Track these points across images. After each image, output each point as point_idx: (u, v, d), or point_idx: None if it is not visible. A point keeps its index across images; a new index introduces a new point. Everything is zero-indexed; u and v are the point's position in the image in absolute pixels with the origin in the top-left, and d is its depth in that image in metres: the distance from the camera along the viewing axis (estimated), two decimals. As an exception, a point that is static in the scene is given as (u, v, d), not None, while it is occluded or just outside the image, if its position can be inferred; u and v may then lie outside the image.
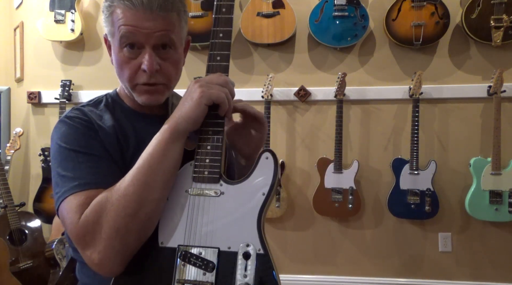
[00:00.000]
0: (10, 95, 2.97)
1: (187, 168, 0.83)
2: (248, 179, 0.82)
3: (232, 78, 0.89)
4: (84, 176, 0.81)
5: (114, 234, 0.75)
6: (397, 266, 2.59)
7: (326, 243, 2.64)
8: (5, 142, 2.76)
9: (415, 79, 2.40)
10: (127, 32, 0.85)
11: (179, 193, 0.82)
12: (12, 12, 3.00)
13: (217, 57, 0.88)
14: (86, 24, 2.79)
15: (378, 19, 2.55)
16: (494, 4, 2.34)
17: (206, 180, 0.81)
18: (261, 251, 0.78)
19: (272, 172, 0.81)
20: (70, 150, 0.84)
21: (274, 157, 0.82)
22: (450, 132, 2.54)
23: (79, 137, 0.86)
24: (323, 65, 2.63)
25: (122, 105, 0.99)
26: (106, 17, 0.90)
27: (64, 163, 0.84)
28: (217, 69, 0.88)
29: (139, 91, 0.91)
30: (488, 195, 2.33)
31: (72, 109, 0.94)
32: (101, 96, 1.01)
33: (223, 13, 0.88)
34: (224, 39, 0.88)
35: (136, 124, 0.96)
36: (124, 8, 0.85)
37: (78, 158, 0.83)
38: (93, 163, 0.83)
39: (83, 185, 0.80)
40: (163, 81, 0.91)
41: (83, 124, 0.88)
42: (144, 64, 0.86)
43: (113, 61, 0.93)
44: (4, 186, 2.39)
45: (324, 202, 2.48)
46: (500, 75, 2.33)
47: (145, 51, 0.87)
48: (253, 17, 2.53)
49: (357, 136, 2.61)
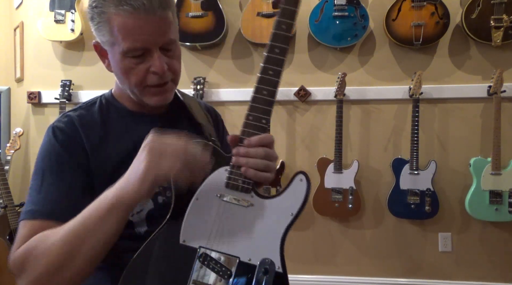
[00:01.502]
0: (10, 95, 2.97)
1: (221, 173, 0.82)
2: (279, 197, 0.82)
3: (232, 78, 0.88)
4: (40, 201, 0.82)
5: (34, 281, 0.75)
6: (397, 266, 2.58)
7: (326, 243, 2.64)
8: (5, 142, 2.76)
9: (415, 79, 2.40)
10: (135, 43, 0.82)
11: (210, 196, 0.82)
12: (12, 12, 3.00)
13: (270, 72, 0.83)
14: (86, 24, 2.79)
15: (378, 19, 2.55)
16: (494, 4, 2.34)
17: (239, 189, 0.81)
18: (280, 270, 0.78)
19: (304, 194, 0.83)
20: (39, 168, 0.87)
21: (308, 181, 0.83)
22: (450, 132, 2.54)
23: (52, 155, 0.87)
24: (323, 65, 2.63)
25: (117, 106, 0.98)
26: (99, 25, 0.86)
27: (32, 178, 0.87)
28: None
29: (150, 93, 0.90)
30: (488, 195, 2.33)
31: (62, 115, 0.94)
32: (95, 98, 1.00)
33: (276, 53, 0.83)
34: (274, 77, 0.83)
35: (132, 124, 0.95)
36: (124, 15, 0.80)
37: (43, 178, 0.85)
38: (54, 188, 0.83)
39: (33, 213, 0.81)
40: (171, 77, 0.91)
41: (63, 140, 0.88)
42: (155, 67, 0.85)
43: (112, 67, 0.91)
44: (4, 186, 2.39)
45: (324, 202, 2.48)
46: (500, 75, 2.33)
47: (152, 54, 0.85)
48: (253, 17, 2.52)
49: (357, 136, 2.61)
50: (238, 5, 2.67)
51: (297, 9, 0.83)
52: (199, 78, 2.57)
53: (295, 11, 0.83)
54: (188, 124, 1.03)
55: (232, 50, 2.70)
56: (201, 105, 1.14)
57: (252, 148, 0.81)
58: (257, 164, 0.80)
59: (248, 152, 0.80)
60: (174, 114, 1.02)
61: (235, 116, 2.66)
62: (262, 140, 0.81)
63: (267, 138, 0.82)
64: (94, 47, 0.94)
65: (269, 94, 0.81)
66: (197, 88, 2.55)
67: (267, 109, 0.81)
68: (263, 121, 0.81)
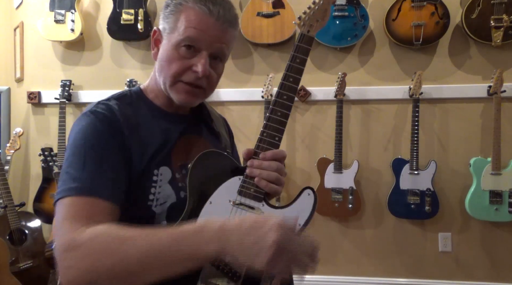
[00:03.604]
0: (10, 95, 2.97)
1: (235, 181, 0.89)
2: (288, 208, 0.88)
3: (232, 78, 0.91)
4: (83, 179, 0.81)
5: (90, 275, 0.71)
6: (397, 266, 2.58)
7: (326, 243, 2.63)
8: (5, 142, 2.76)
9: (415, 79, 2.40)
10: (194, 35, 0.89)
11: (223, 201, 0.87)
12: (12, 12, 3.00)
13: (284, 96, 0.93)
14: (86, 24, 2.79)
15: (378, 19, 2.55)
16: (494, 4, 2.34)
17: (251, 197, 0.87)
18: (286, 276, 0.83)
19: (311, 208, 0.88)
20: (80, 146, 0.85)
21: (315, 196, 0.89)
22: (450, 132, 2.54)
23: (95, 135, 0.86)
24: (323, 65, 2.63)
25: (147, 102, 0.99)
26: (170, 13, 0.92)
27: (71, 158, 0.84)
28: None
29: (180, 89, 0.93)
30: (488, 195, 2.33)
31: (98, 103, 0.93)
32: (125, 91, 1.01)
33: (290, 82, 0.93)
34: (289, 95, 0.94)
35: (161, 121, 0.97)
36: (199, 12, 0.88)
37: (85, 157, 0.83)
38: (97, 166, 0.83)
39: (78, 190, 0.80)
40: (206, 87, 0.94)
41: (105, 121, 0.87)
42: (198, 67, 0.89)
43: (159, 54, 0.94)
44: (4, 186, 2.38)
45: (324, 202, 2.48)
46: (500, 75, 2.33)
47: (201, 55, 0.90)
48: (253, 17, 2.53)
49: (357, 136, 2.61)
50: (238, 5, 2.67)
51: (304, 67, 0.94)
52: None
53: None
54: (208, 131, 1.07)
55: (232, 50, 2.69)
56: (218, 114, 1.19)
57: (266, 161, 0.89)
58: (270, 176, 0.88)
59: (262, 164, 0.88)
60: (197, 118, 1.06)
61: (235, 116, 2.66)
62: (276, 155, 0.90)
63: (281, 154, 0.92)
64: (152, 33, 0.98)
65: (282, 115, 0.92)
66: (197, 88, 2.55)
67: (280, 128, 0.92)
68: (276, 138, 0.91)
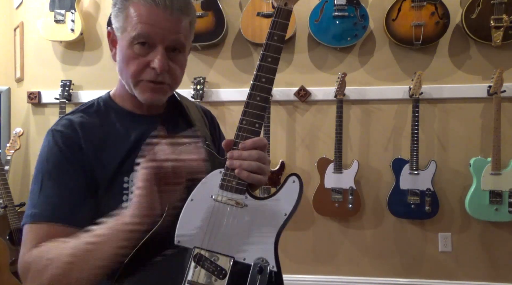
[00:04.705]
0: (10, 95, 2.97)
1: (216, 175, 0.84)
2: (272, 198, 0.83)
3: (232, 78, 0.90)
4: (40, 205, 0.83)
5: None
6: (397, 266, 2.58)
7: (326, 243, 2.63)
8: (5, 142, 2.76)
9: (415, 79, 2.40)
10: (144, 30, 0.84)
11: (204, 197, 0.83)
12: (12, 12, 3.00)
13: (262, 79, 0.87)
14: (86, 24, 2.79)
15: (378, 19, 2.55)
16: (494, 4, 2.34)
17: (233, 190, 0.82)
18: (275, 269, 0.80)
19: (296, 195, 0.83)
20: (38, 172, 0.87)
21: (300, 182, 0.84)
22: (450, 132, 2.54)
23: (51, 159, 0.87)
24: (323, 65, 2.63)
25: (115, 108, 0.97)
26: (118, 11, 0.88)
27: (32, 183, 0.88)
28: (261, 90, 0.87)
29: (143, 88, 0.90)
30: (488, 195, 2.33)
31: (61, 118, 0.94)
32: (92, 101, 0.99)
33: (268, 62, 0.89)
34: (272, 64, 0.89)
35: (131, 125, 0.95)
36: (144, 5, 0.83)
37: (42, 182, 0.85)
38: (54, 191, 0.84)
39: (35, 217, 0.83)
40: (169, 81, 0.91)
41: (61, 142, 0.88)
42: (155, 63, 0.85)
43: (117, 56, 0.92)
44: (4, 186, 2.39)
45: (324, 202, 2.48)
46: (500, 75, 2.33)
47: (157, 51, 0.86)
48: (253, 17, 2.53)
49: (357, 136, 2.61)
50: (238, 5, 2.67)
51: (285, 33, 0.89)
52: (199, 78, 2.57)
53: (284, 36, 0.88)
54: (186, 126, 1.03)
55: (232, 50, 2.70)
56: (198, 108, 1.14)
57: (246, 151, 0.82)
58: (251, 166, 0.82)
59: (241, 154, 0.82)
60: (172, 116, 1.03)
61: (235, 116, 2.66)
62: (255, 143, 0.83)
63: (261, 141, 0.84)
64: (107, 35, 0.95)
65: (262, 99, 0.85)
66: (197, 88, 2.56)
67: (260, 114, 0.84)
68: (256, 125, 0.84)
